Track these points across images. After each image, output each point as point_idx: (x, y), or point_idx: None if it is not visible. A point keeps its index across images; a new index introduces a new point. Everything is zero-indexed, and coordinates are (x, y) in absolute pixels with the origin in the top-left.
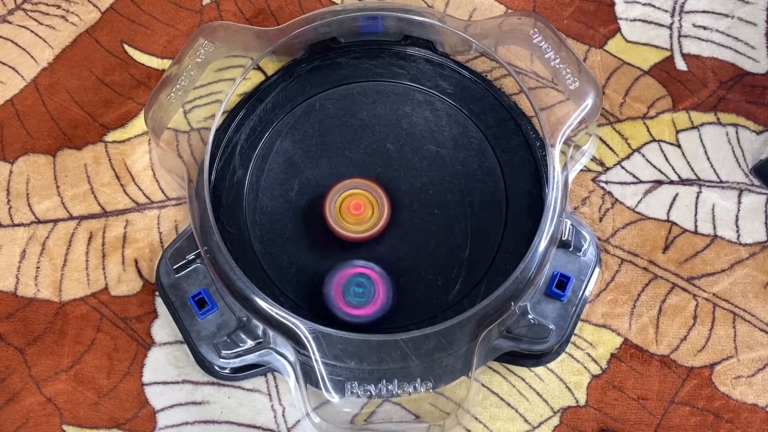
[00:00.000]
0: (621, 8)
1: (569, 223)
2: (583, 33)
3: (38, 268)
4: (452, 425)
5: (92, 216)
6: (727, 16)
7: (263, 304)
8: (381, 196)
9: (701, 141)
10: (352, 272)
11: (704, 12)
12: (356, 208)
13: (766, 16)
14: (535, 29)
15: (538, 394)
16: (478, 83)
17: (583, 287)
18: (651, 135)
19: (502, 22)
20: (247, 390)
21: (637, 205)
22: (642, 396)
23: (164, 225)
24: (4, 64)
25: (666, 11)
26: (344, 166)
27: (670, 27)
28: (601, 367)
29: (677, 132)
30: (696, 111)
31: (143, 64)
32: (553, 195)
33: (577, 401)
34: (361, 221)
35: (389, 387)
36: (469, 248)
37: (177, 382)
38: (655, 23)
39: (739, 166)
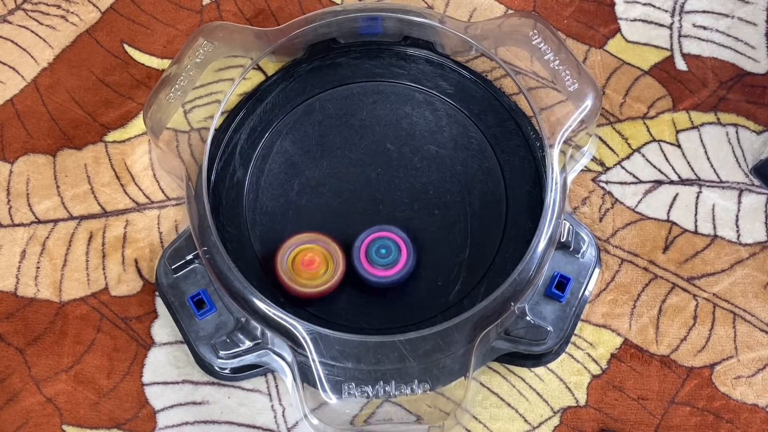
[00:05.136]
0: (621, 8)
1: (568, 224)
2: (583, 33)
3: (38, 268)
4: (451, 425)
5: (92, 216)
6: (727, 16)
7: (261, 305)
8: (336, 250)
9: (701, 141)
10: (378, 235)
11: (704, 12)
12: (310, 263)
13: (766, 16)
14: (535, 30)
15: (538, 394)
16: (478, 83)
17: (583, 288)
18: (651, 135)
19: (501, 23)
20: (247, 390)
21: (637, 205)
22: (642, 396)
23: (164, 225)
24: (4, 64)
25: (666, 11)
26: (344, 166)
27: (670, 27)
28: (601, 367)
29: (677, 132)
30: (696, 111)
31: (143, 64)
32: (552, 196)
33: (577, 401)
34: (314, 276)
35: (386, 388)
36: (469, 249)
37: (177, 382)
38: (655, 23)
39: (739, 166)
